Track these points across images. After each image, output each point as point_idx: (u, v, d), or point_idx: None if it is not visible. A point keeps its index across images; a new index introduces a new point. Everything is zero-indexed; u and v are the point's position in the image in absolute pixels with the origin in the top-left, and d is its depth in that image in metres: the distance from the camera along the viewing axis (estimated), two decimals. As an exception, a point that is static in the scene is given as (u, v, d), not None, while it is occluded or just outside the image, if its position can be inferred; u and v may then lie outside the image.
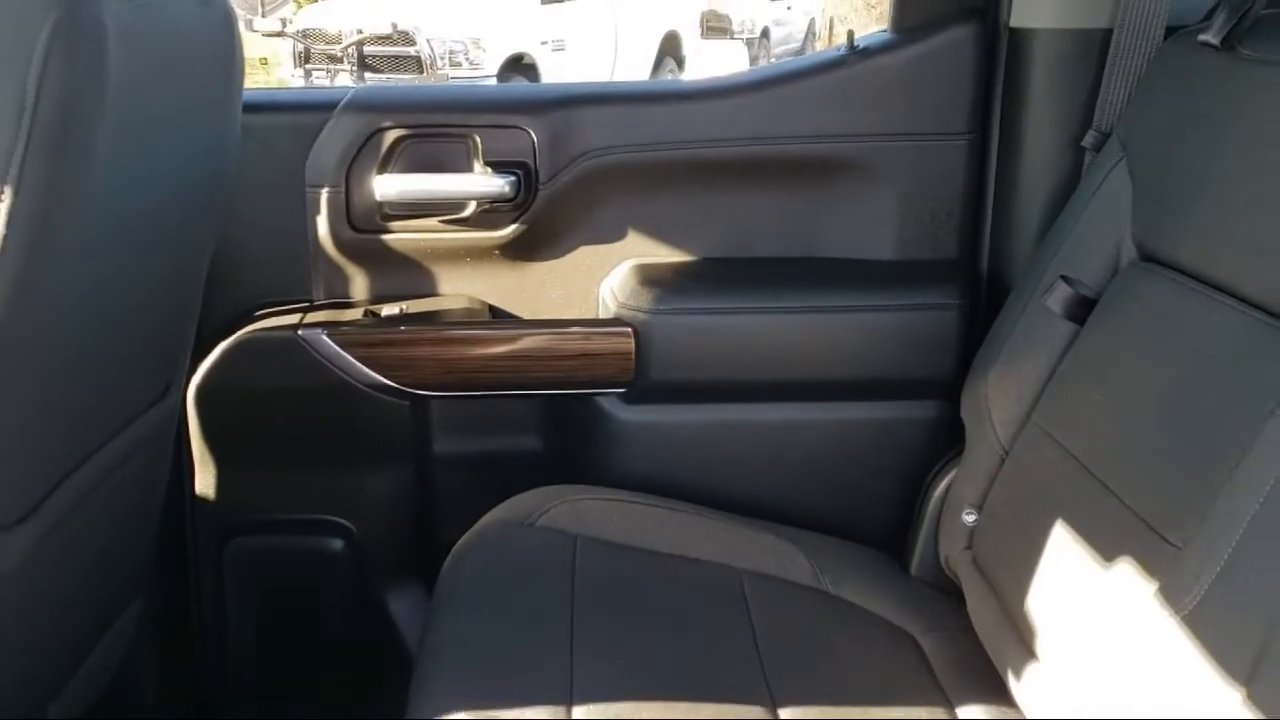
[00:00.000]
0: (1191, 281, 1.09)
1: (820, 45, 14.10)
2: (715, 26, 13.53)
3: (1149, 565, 0.95)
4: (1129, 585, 0.97)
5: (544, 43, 10.10)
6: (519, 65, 9.48)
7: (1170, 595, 0.89)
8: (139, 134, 0.91)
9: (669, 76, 10.52)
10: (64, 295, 0.84)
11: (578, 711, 0.99)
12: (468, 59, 9.15)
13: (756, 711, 1.04)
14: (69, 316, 0.87)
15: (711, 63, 12.08)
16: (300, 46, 9.43)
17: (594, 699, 1.00)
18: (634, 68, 10.95)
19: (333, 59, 9.37)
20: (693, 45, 12.26)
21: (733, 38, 13.63)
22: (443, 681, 1.03)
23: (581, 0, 10.91)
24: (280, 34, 9.56)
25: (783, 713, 1.04)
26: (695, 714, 1.01)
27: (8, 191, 0.76)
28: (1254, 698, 0.76)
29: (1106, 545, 1.03)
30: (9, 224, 0.77)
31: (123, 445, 1.11)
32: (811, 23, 14.62)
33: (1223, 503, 0.88)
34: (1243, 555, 0.83)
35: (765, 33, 13.80)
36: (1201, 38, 1.16)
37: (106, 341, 0.98)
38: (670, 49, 12.13)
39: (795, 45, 14.01)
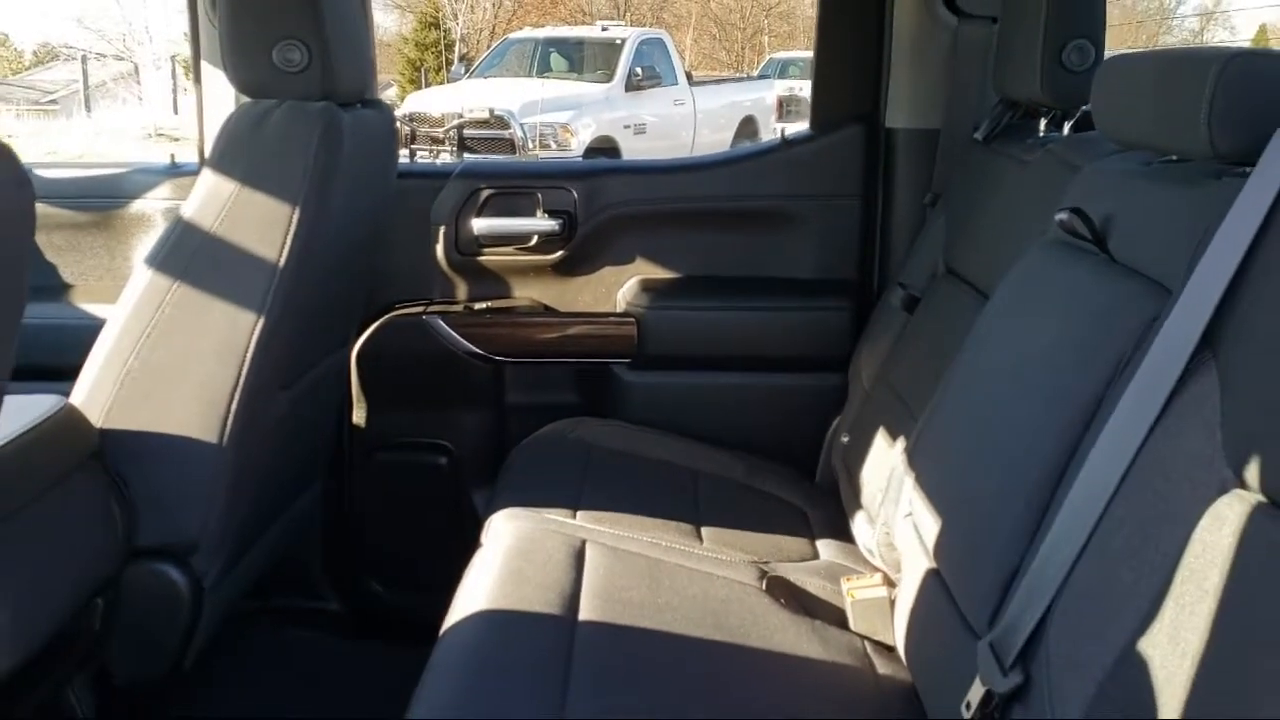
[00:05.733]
0: (964, 284, 1.81)
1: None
2: (793, 110, 14.39)
3: (907, 436, 1.66)
4: (898, 452, 1.68)
5: (626, 126, 11.03)
6: (602, 148, 10.36)
7: (905, 446, 1.59)
8: (351, 187, 1.70)
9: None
10: (316, 263, 1.62)
11: (580, 512, 1.72)
12: (556, 141, 10.07)
13: (686, 527, 1.76)
14: (315, 277, 1.64)
15: (785, 145, 12.71)
16: (406, 129, 10.42)
17: (589, 509, 1.73)
18: (711, 150, 11.79)
19: (435, 140, 10.31)
20: (770, 128, 13.08)
21: (810, 120, 14.40)
22: (502, 502, 1.77)
23: (664, 87, 11.85)
24: (388, 118, 10.41)
25: (703, 529, 1.76)
26: (649, 521, 1.73)
27: (297, 210, 1.55)
28: (920, 483, 1.46)
29: (894, 435, 1.74)
30: (297, 227, 1.55)
31: (323, 369, 1.89)
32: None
33: (939, 387, 1.57)
34: (935, 411, 1.52)
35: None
36: (975, 136, 1.89)
37: (326, 296, 1.76)
38: (747, 132, 12.99)
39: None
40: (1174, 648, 0.87)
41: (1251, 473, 0.87)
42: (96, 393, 1.51)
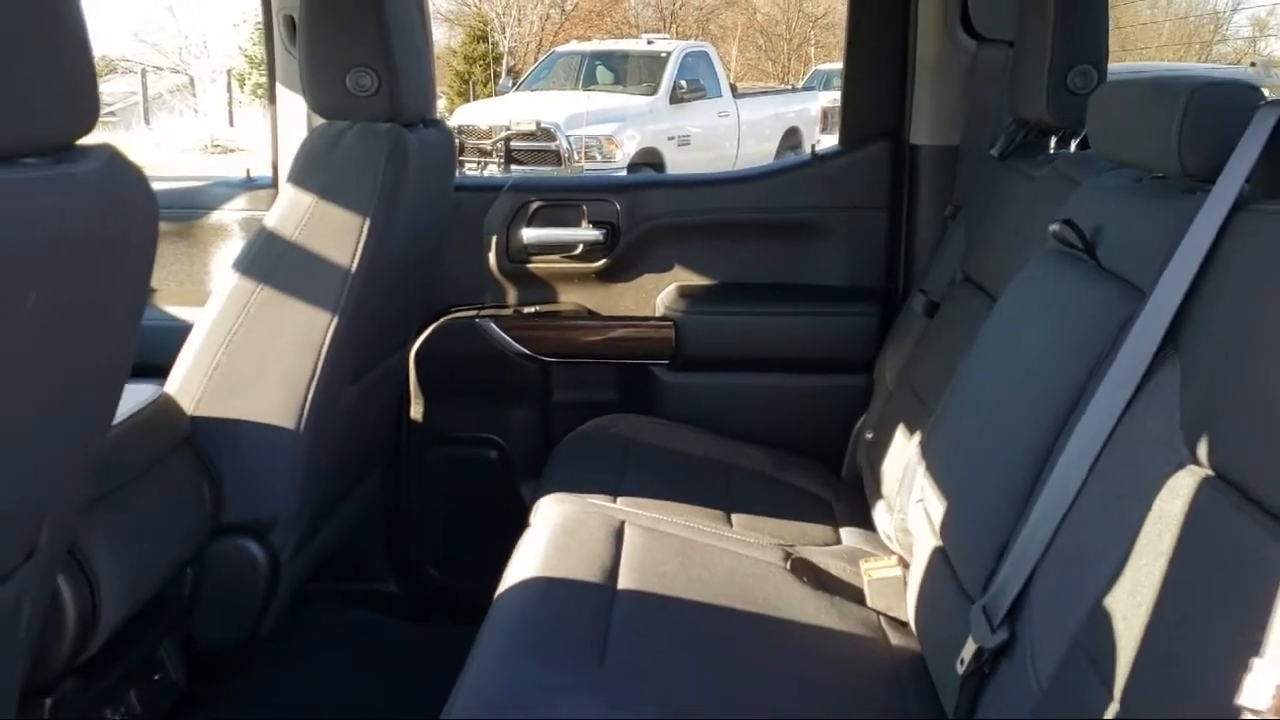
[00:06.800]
0: (978, 290, 1.94)
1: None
2: (838, 122, 14.47)
3: (923, 431, 1.79)
4: (914, 446, 1.82)
5: (671, 139, 11.18)
6: (646, 161, 10.50)
7: (920, 440, 1.72)
8: (415, 200, 1.86)
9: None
10: (383, 269, 1.79)
11: (620, 498, 1.87)
12: (601, 153, 10.23)
13: (718, 513, 1.90)
14: (382, 282, 1.81)
15: (827, 156, 12.81)
16: (455, 141, 10.60)
17: (629, 495, 1.88)
18: (755, 161, 11.94)
19: (483, 152, 10.51)
20: (814, 139, 13.17)
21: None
22: (549, 489, 1.92)
23: (708, 99, 11.99)
24: (437, 130, 10.66)
25: (733, 515, 1.90)
26: (683, 507, 1.88)
27: (368, 221, 1.71)
28: (930, 472, 1.59)
29: (913, 431, 1.87)
30: (366, 237, 1.71)
31: (386, 367, 2.05)
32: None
33: (950, 385, 1.71)
34: (946, 407, 1.66)
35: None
36: (991, 152, 2.02)
37: (391, 299, 1.92)
38: (791, 143, 13.09)
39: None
40: (1132, 600, 1.01)
41: (1202, 450, 1.00)
42: (188, 384, 1.68)
